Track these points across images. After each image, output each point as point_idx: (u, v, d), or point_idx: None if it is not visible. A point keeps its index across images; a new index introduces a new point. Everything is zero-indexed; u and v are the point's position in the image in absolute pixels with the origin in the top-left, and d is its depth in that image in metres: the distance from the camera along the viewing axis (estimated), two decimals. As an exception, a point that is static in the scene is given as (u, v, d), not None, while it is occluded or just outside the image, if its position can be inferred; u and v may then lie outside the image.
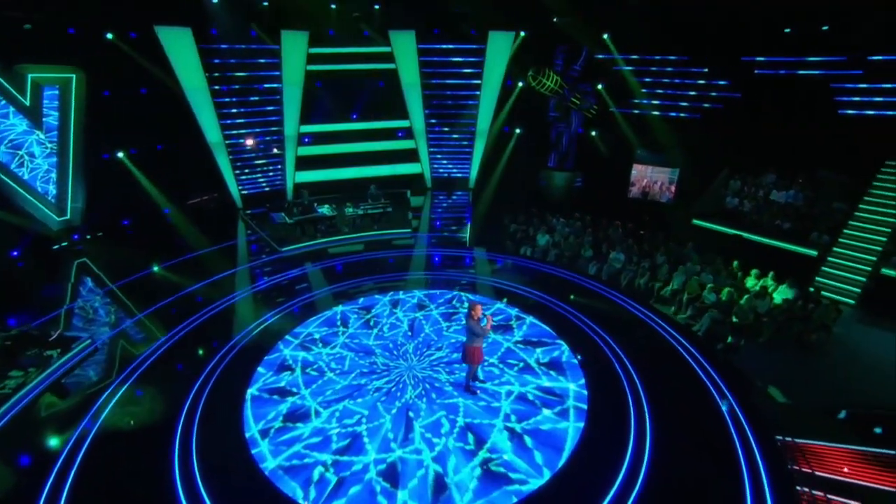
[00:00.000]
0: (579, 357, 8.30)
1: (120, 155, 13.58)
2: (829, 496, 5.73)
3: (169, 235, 13.47)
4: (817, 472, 6.19)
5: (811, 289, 10.83)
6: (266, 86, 14.62)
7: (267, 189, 15.88)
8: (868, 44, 12.70)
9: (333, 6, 14.48)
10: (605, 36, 15.13)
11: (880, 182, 12.64)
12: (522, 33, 14.88)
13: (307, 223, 13.16)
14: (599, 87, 15.90)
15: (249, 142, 15.14)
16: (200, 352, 8.57)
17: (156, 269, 11.65)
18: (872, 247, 11.57)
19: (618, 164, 15.80)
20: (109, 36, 12.20)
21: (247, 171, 15.38)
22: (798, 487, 5.82)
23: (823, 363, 9.02)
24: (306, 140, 15.90)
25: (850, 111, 13.69)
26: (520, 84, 16.02)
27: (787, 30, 13.16)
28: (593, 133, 16.80)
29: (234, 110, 14.43)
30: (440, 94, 16.03)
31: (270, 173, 15.87)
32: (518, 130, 17.21)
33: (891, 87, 13.15)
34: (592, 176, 16.68)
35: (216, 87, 13.82)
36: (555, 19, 14.39)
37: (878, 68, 13.10)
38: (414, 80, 15.52)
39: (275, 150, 15.56)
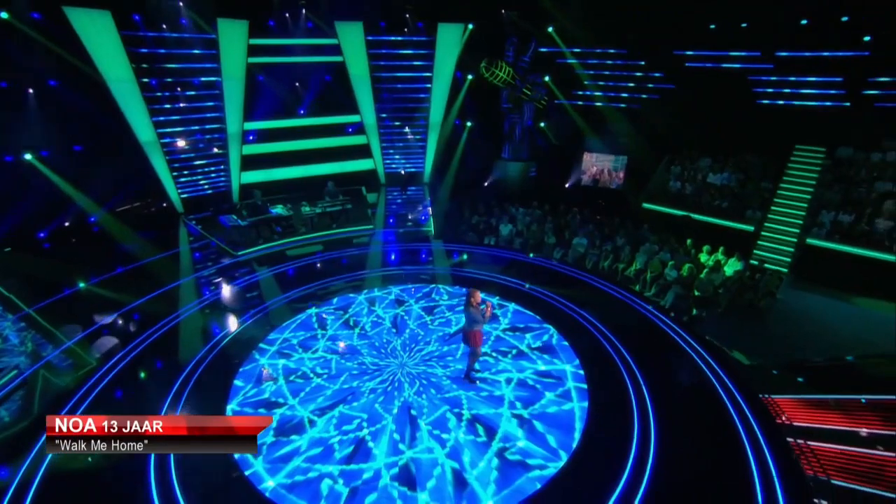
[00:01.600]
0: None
1: (28, 157, 11.79)
2: (809, 442, 6.23)
3: (97, 247, 11.94)
4: (795, 423, 6.73)
5: (753, 261, 11.84)
6: (203, 79, 13.40)
7: (210, 192, 14.58)
8: (776, 41, 14.15)
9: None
10: (550, 29, 15.56)
11: (793, 164, 14.10)
12: (470, 26, 14.90)
13: (262, 225, 12.23)
14: (546, 78, 16.33)
15: (181, 142, 13.81)
16: (142, 375, 7.57)
17: (82, 285, 10.20)
18: (795, 220, 12.89)
19: (568, 153, 16.32)
20: (4, 15, 10.47)
21: (186, 172, 14.01)
22: (788, 439, 6.26)
23: (773, 326, 9.87)
24: (251, 138, 14.79)
25: (765, 101, 15.20)
26: (469, 77, 16.05)
27: (712, 26, 14.29)
28: (542, 125, 17.23)
29: (167, 106, 13.08)
30: (391, 88, 15.65)
31: (213, 175, 14.60)
32: (469, 124, 17.24)
33: (795, 80, 14.77)
34: (546, 165, 17.09)
35: (145, 80, 12.44)
36: (503, 11, 14.54)
37: (785, 63, 14.63)
38: (363, 72, 15.02)
39: (215, 150, 14.33)
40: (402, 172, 16.72)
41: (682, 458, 5.93)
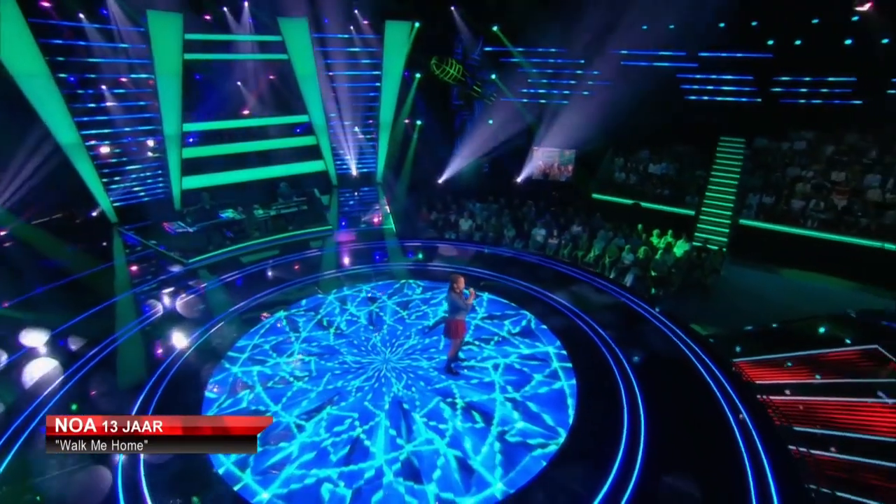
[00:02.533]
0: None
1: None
2: (772, 397, 6.80)
3: (10, 265, 10.51)
4: (758, 381, 7.32)
5: (696, 243, 12.77)
6: (133, 76, 12.28)
7: (147, 199, 13.32)
8: (699, 42, 15.44)
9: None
10: (495, 28, 15.92)
11: (720, 153, 15.44)
12: (417, 24, 14.89)
13: (212, 230, 11.39)
14: (493, 76, 16.68)
15: (104, 149, 12.57)
16: (74, 407, 6.73)
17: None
18: (727, 203, 14.10)
19: (519, 149, 16.76)
20: None
21: (117, 178, 12.72)
22: (759, 396, 6.78)
23: (720, 299, 10.70)
24: (191, 140, 13.75)
25: (692, 97, 16.54)
26: (417, 75, 16.03)
27: (644, 27, 15.31)
28: (490, 122, 17.55)
29: (91, 105, 11.84)
30: (339, 87, 15.25)
31: (150, 181, 13.37)
32: (419, 122, 17.19)
33: (716, 78, 16.22)
34: (497, 161, 17.38)
35: (62, 76, 11.19)
36: (452, 8, 14.68)
37: (706, 63, 16.02)
38: (309, 71, 14.49)
39: (149, 154, 13.17)
40: (354, 173, 16.33)
41: (672, 420, 6.23)
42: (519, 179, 16.89)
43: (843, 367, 7.51)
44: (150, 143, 13.21)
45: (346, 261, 11.45)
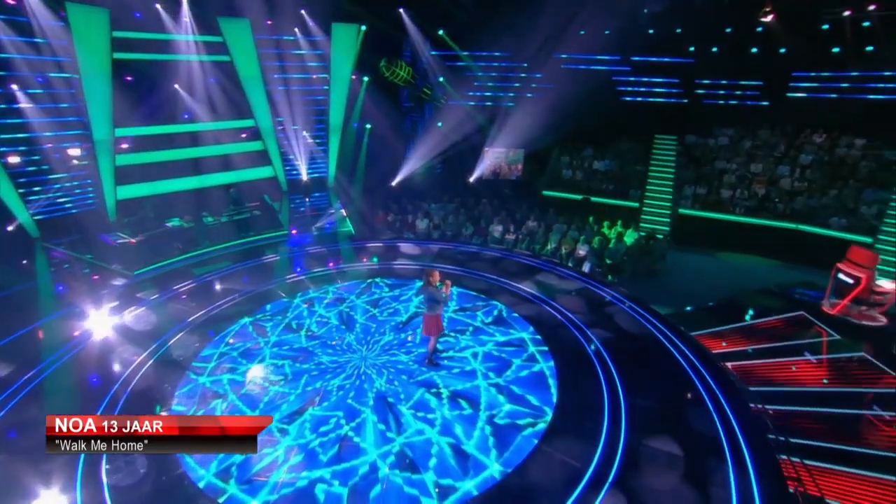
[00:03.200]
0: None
1: None
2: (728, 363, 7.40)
3: None
4: (715, 350, 7.92)
5: (642, 233, 13.61)
6: (53, 75, 11.21)
7: (75, 211, 12.10)
8: (631, 47, 16.58)
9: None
10: (441, 32, 16.18)
11: (656, 149, 16.61)
12: (363, 27, 14.81)
13: (158, 240, 10.60)
14: (441, 79, 16.91)
15: (17, 157, 11.38)
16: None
17: None
18: (667, 195, 15.17)
19: (470, 149, 17.06)
20: None
21: (38, 189, 11.48)
22: (718, 363, 7.34)
23: (668, 282, 11.48)
24: (124, 146, 12.70)
25: (628, 98, 17.70)
26: (365, 78, 15.92)
27: (582, 32, 16.20)
28: (439, 124, 17.75)
29: (2, 106, 10.64)
30: (287, 90, 14.79)
31: (78, 191, 12.17)
32: (368, 126, 17.04)
33: (647, 80, 17.48)
34: (450, 162, 17.56)
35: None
36: (400, 9, 14.74)
37: (638, 66, 17.24)
38: (254, 73, 13.97)
39: (75, 162, 12.04)
40: (305, 179, 15.88)
41: (646, 389, 6.58)
42: (472, 179, 17.19)
43: (776, 333, 8.35)
44: (77, 150, 12.09)
45: (308, 264, 11.09)
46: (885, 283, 8.95)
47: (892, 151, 13.83)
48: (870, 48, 14.12)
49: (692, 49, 16.44)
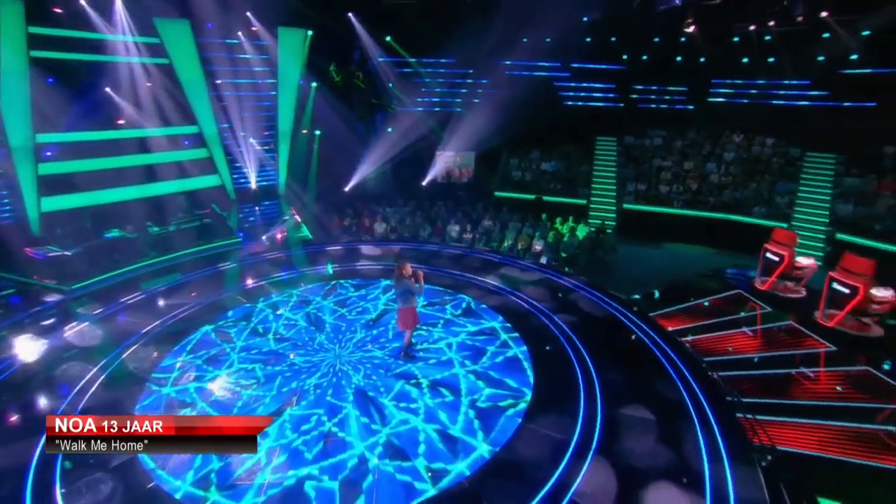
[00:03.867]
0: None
1: None
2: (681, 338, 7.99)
3: None
4: (669, 328, 8.50)
5: (591, 228, 14.36)
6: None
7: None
8: (571, 55, 17.56)
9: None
10: (388, 38, 16.33)
11: (599, 150, 17.63)
12: (310, 32, 14.66)
13: (96, 252, 9.81)
14: (390, 85, 17.02)
15: None
16: None
17: None
18: (611, 192, 16.12)
19: (423, 153, 17.25)
20: None
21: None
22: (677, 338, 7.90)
23: (618, 272, 12.17)
24: (48, 153, 11.68)
25: (569, 102, 18.66)
26: (314, 84, 15.72)
27: (525, 39, 16.95)
28: (390, 130, 17.83)
29: None
30: (232, 95, 14.29)
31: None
32: (317, 132, 16.78)
33: (586, 86, 18.57)
34: (403, 166, 17.62)
35: None
36: (350, 14, 14.71)
37: (578, 72, 18.27)
38: (196, 77, 13.42)
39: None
40: (254, 187, 15.35)
41: (615, 365, 6.95)
42: (425, 183, 17.36)
43: (717, 311, 9.12)
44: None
45: (267, 269, 10.71)
46: (803, 260, 10.02)
47: (796, 149, 15.56)
48: (771, 59, 15.90)
49: (625, 57, 17.69)
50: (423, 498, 4.79)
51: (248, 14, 13.28)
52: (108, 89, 12.63)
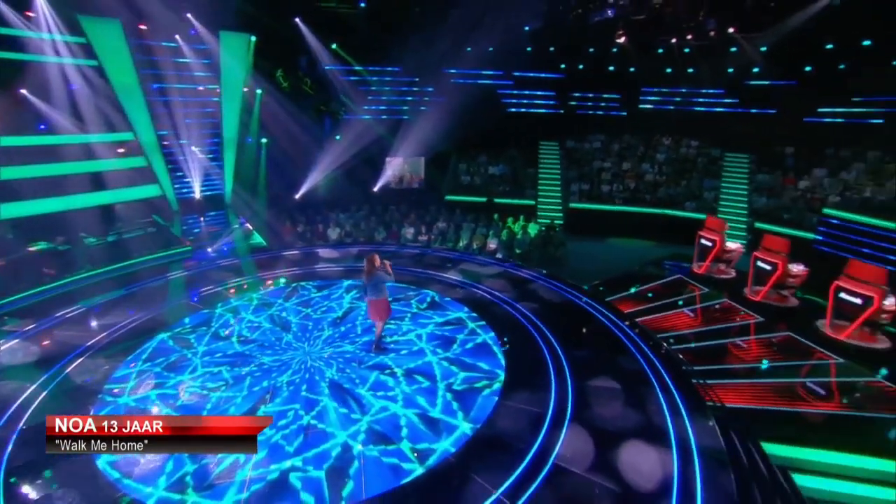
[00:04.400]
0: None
1: None
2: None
3: None
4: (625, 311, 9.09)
5: (541, 226, 15.03)
6: None
7: None
8: (513, 63, 18.42)
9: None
10: (334, 46, 16.34)
11: (542, 154, 18.54)
12: (253, 38, 14.39)
13: (23, 265, 8.98)
14: (339, 92, 16.97)
15: None
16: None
17: None
18: (557, 192, 16.97)
19: (373, 159, 17.28)
20: None
21: None
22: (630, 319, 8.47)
23: (569, 265, 12.83)
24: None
25: (512, 109, 19.50)
26: (258, 91, 15.38)
27: (469, 49, 17.56)
28: (337, 137, 17.74)
29: None
30: (172, 101, 13.65)
31: None
32: (264, 140, 16.37)
33: (528, 94, 19.51)
34: (354, 172, 17.50)
35: None
36: (297, 19, 14.58)
37: (519, 81, 19.18)
38: (130, 81, 12.72)
39: None
40: (198, 197, 14.67)
41: (578, 343, 7.36)
42: (376, 189, 17.39)
43: (662, 294, 9.89)
44: None
45: (222, 276, 10.27)
46: (731, 244, 11.09)
47: (716, 150, 17.22)
48: (691, 70, 17.59)
49: (563, 66, 18.81)
50: (412, 476, 4.83)
51: (189, 16, 12.79)
52: (23, 91, 11.63)
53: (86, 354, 7.13)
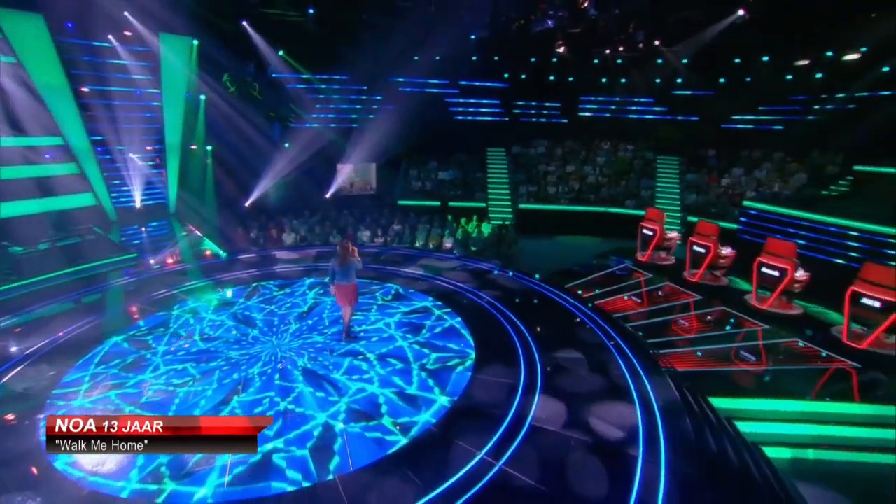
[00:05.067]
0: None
1: None
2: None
3: None
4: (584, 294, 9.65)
5: (494, 227, 15.54)
6: None
7: None
8: (458, 72, 19.06)
9: None
10: (281, 53, 16.19)
11: (490, 160, 19.20)
12: (195, 42, 13.99)
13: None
14: (287, 99, 16.77)
15: None
16: None
17: None
18: (506, 194, 17.62)
19: (324, 165, 17.14)
20: None
21: None
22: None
23: (522, 262, 13.35)
24: None
25: (459, 117, 20.10)
26: (202, 97, 14.90)
27: (416, 57, 17.97)
28: (286, 145, 17.46)
29: None
30: (107, 104, 12.91)
31: None
32: (209, 147, 15.81)
33: (474, 101, 20.20)
34: (305, 178, 17.23)
35: None
36: (244, 22, 14.32)
37: (465, 89, 19.84)
38: (58, 82, 11.92)
39: None
40: (138, 206, 13.90)
41: (541, 323, 7.76)
42: (328, 195, 17.25)
43: (611, 281, 10.61)
44: None
45: (174, 279, 9.82)
46: (670, 233, 12.09)
47: (650, 153, 18.65)
48: (623, 80, 19.05)
49: (506, 75, 19.70)
50: (397, 447, 4.92)
51: (126, 14, 12.24)
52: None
53: (25, 363, 6.59)
